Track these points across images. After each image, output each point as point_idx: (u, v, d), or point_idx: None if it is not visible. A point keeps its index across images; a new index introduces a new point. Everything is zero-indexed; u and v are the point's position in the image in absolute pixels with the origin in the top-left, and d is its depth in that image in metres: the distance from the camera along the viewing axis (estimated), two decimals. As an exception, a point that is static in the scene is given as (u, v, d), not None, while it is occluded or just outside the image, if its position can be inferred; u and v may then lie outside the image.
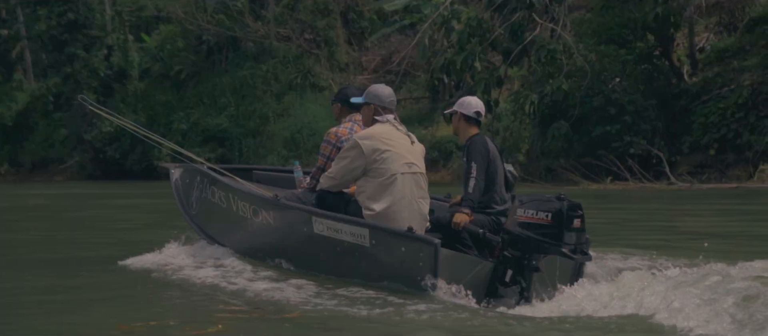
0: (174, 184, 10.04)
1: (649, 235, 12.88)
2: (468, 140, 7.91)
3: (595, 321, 6.30)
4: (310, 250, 7.98)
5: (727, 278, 6.55)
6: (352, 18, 41.39)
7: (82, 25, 40.46)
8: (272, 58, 39.77)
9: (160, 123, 40.71)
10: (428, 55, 33.50)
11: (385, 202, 7.56)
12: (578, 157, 26.78)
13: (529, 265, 7.05)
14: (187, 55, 41.52)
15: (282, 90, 38.61)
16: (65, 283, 8.55)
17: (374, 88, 8.04)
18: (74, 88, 40.76)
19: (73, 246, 12.29)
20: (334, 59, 40.24)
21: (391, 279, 7.39)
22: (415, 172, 7.73)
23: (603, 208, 17.41)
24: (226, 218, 9.01)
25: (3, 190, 34.00)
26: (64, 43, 40.39)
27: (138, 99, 41.86)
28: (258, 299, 7.27)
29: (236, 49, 40.98)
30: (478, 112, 7.98)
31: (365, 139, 7.67)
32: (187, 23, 40.80)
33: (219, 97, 39.30)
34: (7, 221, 17.64)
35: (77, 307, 7.32)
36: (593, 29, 27.41)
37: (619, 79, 26.54)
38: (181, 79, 41.36)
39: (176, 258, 9.04)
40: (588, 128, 26.43)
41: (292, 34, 40.33)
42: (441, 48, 33.24)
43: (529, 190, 23.85)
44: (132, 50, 41.89)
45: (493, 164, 7.78)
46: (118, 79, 42.15)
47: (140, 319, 6.57)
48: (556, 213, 6.77)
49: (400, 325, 6.31)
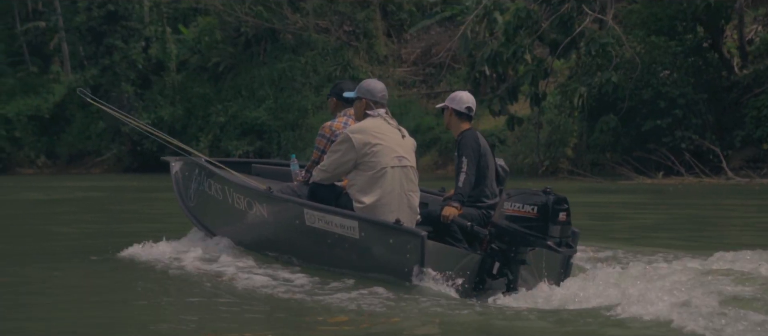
0: (174, 177, 10.15)
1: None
2: (459, 135, 7.94)
3: (575, 313, 6.35)
4: (303, 242, 8.08)
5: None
6: (391, 10, 41.01)
7: (121, 16, 40.23)
8: (311, 51, 39.46)
9: (197, 116, 40.54)
10: (470, 48, 33.02)
11: (375, 194, 7.67)
12: (626, 151, 26.23)
13: (516, 257, 7.15)
14: (225, 47, 41.29)
15: (321, 82, 38.24)
16: (47, 276, 8.55)
17: (366, 83, 8.07)
18: (112, 79, 40.65)
19: (65, 238, 12.34)
20: (372, 51, 39.87)
21: (380, 270, 7.48)
22: (405, 166, 7.81)
23: (680, 205, 16.92)
24: (222, 210, 9.15)
25: (40, 181, 33.97)
26: (103, 34, 40.18)
27: (175, 91, 41.69)
28: (248, 290, 7.37)
29: (275, 41, 40.69)
30: (469, 107, 7.99)
31: (356, 133, 7.75)
32: (225, 15, 40.56)
33: (257, 90, 39.01)
34: (45, 214, 17.50)
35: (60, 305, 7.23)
36: (641, 20, 26.80)
37: (668, 71, 25.93)
38: (219, 72, 41.13)
39: (169, 249, 9.11)
40: (637, 122, 25.86)
41: (331, 26, 40.00)
42: (483, 40, 32.79)
43: (580, 185, 23.35)
44: (170, 42, 41.65)
45: (484, 159, 7.83)
46: (156, 72, 41.96)
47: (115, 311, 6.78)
48: (542, 206, 6.85)
49: (387, 316, 6.39)
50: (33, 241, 11.84)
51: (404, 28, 41.16)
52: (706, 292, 6.51)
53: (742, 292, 6.65)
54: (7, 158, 43.39)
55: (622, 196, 19.70)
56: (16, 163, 43.53)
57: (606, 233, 11.64)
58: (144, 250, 9.15)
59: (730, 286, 6.81)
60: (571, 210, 6.94)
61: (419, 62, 39.90)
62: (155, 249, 9.14)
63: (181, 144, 9.97)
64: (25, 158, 43.61)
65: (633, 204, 18.01)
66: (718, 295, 6.42)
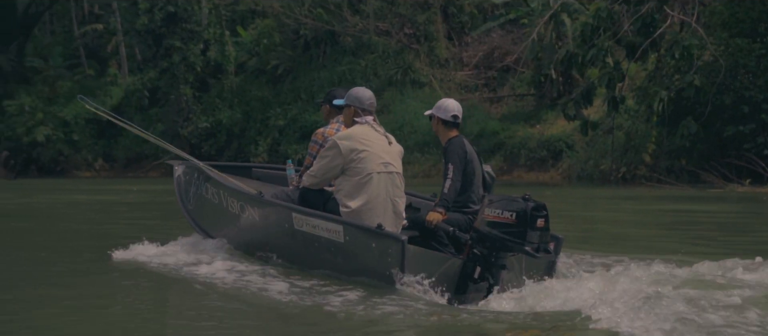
0: (176, 180, 10.55)
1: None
2: (446, 142, 8.22)
3: (553, 315, 6.48)
4: (292, 245, 8.41)
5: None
6: (452, 12, 40.31)
7: (181, 18, 39.85)
8: (371, 53, 38.86)
9: (256, 119, 40.08)
10: (537, 51, 32.27)
11: (361, 199, 7.94)
12: (703, 158, 25.31)
13: (497, 262, 7.37)
14: (283, 50, 40.82)
15: (381, 86, 37.56)
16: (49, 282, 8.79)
17: (355, 90, 8.35)
18: (171, 82, 40.31)
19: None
20: (433, 54, 39.18)
21: (364, 274, 7.75)
22: (390, 172, 8.09)
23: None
24: (218, 213, 9.57)
25: (97, 184, 33.74)
26: (162, 36, 39.83)
27: (233, 94, 41.26)
28: (235, 291, 7.73)
29: (334, 44, 40.14)
30: (455, 115, 8.26)
31: (343, 140, 8.04)
32: (284, 17, 40.08)
33: (317, 93, 38.40)
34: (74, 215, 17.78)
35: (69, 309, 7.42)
36: (723, 21, 25.83)
37: (751, 74, 24.95)
38: (278, 75, 40.67)
39: (166, 250, 9.56)
40: (717, 127, 24.92)
41: (392, 28, 39.39)
42: (549, 43, 32.01)
43: (669, 193, 22.48)
44: (228, 45, 41.24)
45: (471, 165, 8.13)
46: (214, 75, 41.57)
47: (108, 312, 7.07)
48: (520, 213, 7.05)
49: (366, 318, 6.61)
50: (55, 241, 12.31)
51: (465, 31, 40.45)
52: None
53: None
54: (65, 161, 43.24)
55: (727, 205, 18.88)
56: (73, 165, 43.36)
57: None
58: (137, 250, 9.57)
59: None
60: (549, 216, 7.13)
61: (481, 65, 39.16)
62: (151, 250, 9.56)
63: (178, 150, 10.58)
64: (83, 161, 43.39)
65: (747, 213, 17.19)
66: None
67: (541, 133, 32.73)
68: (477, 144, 34.75)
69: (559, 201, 20.29)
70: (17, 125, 42.98)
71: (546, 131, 32.77)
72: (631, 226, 15.23)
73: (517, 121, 34.61)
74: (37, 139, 42.37)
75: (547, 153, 31.73)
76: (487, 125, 34.28)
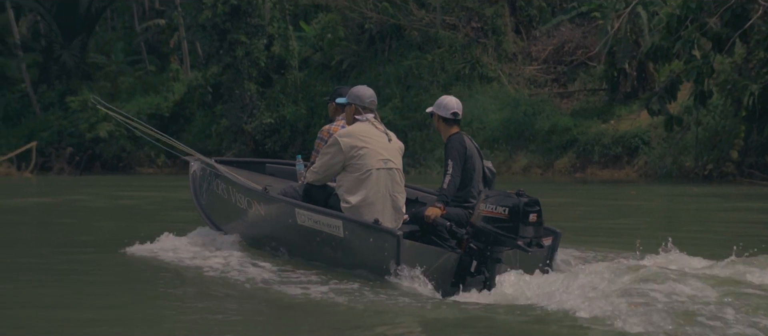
0: (191, 176, 11.02)
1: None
2: (447, 139, 8.47)
3: (547, 310, 6.57)
4: (296, 239, 8.78)
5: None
6: (520, 5, 39.36)
7: (245, 12, 39.32)
8: (438, 48, 38.00)
9: (320, 115, 39.39)
10: (610, 44, 31.27)
11: (361, 195, 8.22)
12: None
13: (492, 256, 7.60)
14: (348, 45, 40.12)
15: (449, 80, 36.69)
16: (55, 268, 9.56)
17: (356, 89, 8.66)
18: (235, 77, 39.79)
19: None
20: (501, 49, 38.25)
21: (362, 267, 8.08)
22: (390, 168, 8.36)
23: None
24: (228, 208, 10.00)
25: (159, 181, 33.46)
26: (226, 31, 39.33)
27: (297, 90, 40.67)
28: (241, 282, 8.11)
29: (400, 38, 39.36)
30: (455, 112, 8.50)
31: (344, 137, 8.32)
32: (349, 11, 39.36)
33: (383, 88, 37.57)
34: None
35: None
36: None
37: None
38: (342, 70, 39.98)
39: (178, 244, 9.98)
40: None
41: (459, 22, 38.54)
42: (624, 36, 31.02)
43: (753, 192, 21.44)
44: (292, 40, 40.63)
45: (470, 161, 8.38)
46: (277, 70, 41.01)
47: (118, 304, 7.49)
48: (513, 208, 7.27)
49: (362, 310, 6.85)
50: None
51: (533, 25, 39.50)
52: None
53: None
54: (127, 157, 43.04)
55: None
56: (136, 162, 43.17)
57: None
58: (152, 244, 9.98)
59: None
60: (542, 212, 7.34)
61: (550, 60, 38.16)
62: (163, 243, 9.98)
63: (186, 147, 11.10)
64: (146, 157, 43.15)
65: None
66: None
67: (614, 129, 31.71)
68: (548, 140, 33.98)
69: (653, 199, 19.33)
70: (80, 121, 42.83)
71: (620, 127, 31.74)
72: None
73: (589, 116, 33.57)
74: (100, 135, 42.17)
75: (622, 149, 30.71)
76: (559, 121, 33.28)
